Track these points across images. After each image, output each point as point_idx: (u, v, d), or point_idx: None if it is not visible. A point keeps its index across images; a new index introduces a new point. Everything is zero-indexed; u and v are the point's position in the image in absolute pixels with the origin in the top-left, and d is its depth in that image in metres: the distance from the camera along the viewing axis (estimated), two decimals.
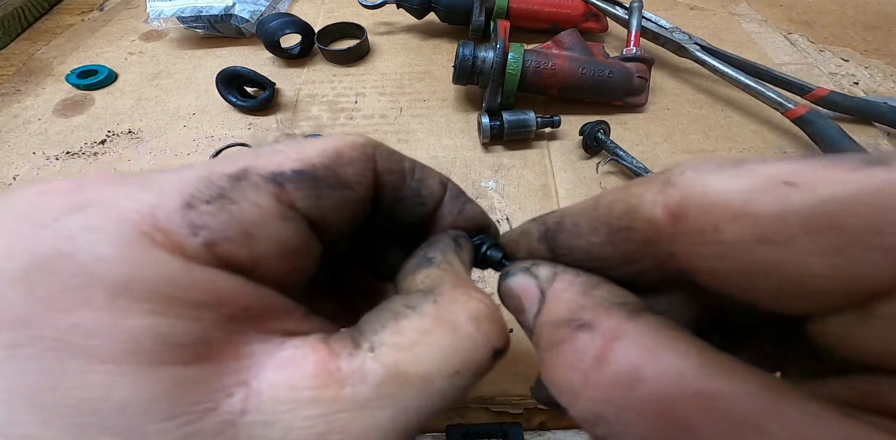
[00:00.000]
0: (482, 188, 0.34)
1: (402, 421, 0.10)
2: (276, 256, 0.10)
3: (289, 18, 0.43)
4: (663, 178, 0.10)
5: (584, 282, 0.12)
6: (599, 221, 0.11)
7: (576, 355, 0.10)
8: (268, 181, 0.10)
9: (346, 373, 0.10)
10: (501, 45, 0.34)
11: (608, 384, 0.09)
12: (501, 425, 0.24)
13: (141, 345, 0.08)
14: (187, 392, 0.08)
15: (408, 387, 0.10)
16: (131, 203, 0.09)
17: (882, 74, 0.43)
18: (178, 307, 0.09)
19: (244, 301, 0.10)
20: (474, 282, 0.14)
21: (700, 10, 0.51)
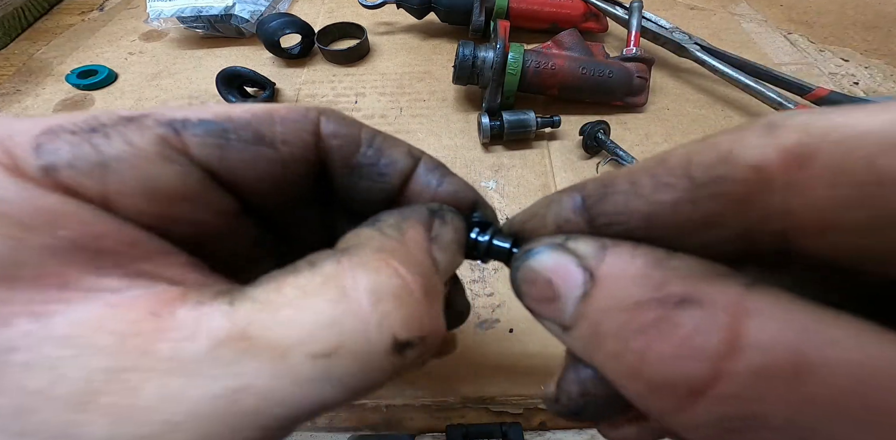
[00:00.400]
0: (482, 188, 0.34)
1: (232, 404, 0.07)
2: (142, 196, 0.09)
3: (289, 18, 0.43)
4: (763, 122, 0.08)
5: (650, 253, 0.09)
6: (673, 175, 0.09)
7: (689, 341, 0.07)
8: (160, 124, 0.10)
9: (177, 323, 0.08)
10: (501, 45, 0.34)
11: (753, 375, 0.07)
12: (501, 425, 0.24)
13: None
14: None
15: (253, 357, 0.07)
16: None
17: (882, 74, 0.43)
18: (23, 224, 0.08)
19: (92, 231, 0.09)
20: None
21: (700, 10, 0.51)
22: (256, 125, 0.11)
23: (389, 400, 0.26)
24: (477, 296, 0.29)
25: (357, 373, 0.08)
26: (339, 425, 0.25)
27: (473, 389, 0.26)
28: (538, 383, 0.26)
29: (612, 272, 0.09)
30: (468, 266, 0.30)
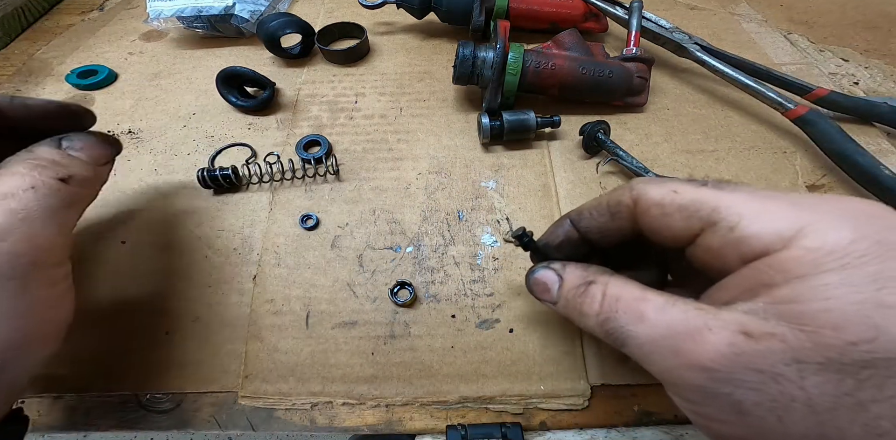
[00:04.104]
0: (482, 188, 0.34)
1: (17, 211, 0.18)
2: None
3: (289, 18, 0.43)
4: (630, 186, 0.19)
5: (582, 266, 0.20)
6: (603, 209, 0.20)
7: (592, 295, 0.18)
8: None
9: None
10: (501, 45, 0.34)
11: (608, 305, 0.18)
12: (501, 425, 0.24)
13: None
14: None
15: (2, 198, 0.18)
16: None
17: (882, 74, 0.43)
18: None
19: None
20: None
21: (700, 10, 0.51)
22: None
23: (389, 400, 0.26)
24: (477, 296, 0.29)
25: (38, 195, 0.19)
26: (339, 425, 0.25)
27: (473, 389, 0.26)
28: (538, 383, 0.26)
29: (570, 272, 0.20)
30: (469, 267, 0.30)
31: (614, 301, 0.17)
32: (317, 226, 0.32)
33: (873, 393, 0.13)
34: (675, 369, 0.15)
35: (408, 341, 0.27)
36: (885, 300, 0.13)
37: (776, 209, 0.15)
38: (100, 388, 0.26)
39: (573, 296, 0.19)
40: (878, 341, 0.12)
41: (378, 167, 0.36)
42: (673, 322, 0.16)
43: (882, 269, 0.13)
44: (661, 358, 0.16)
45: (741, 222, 0.15)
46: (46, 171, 0.20)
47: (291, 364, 0.27)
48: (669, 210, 0.17)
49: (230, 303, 0.29)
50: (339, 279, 0.30)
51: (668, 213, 0.17)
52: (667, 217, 0.17)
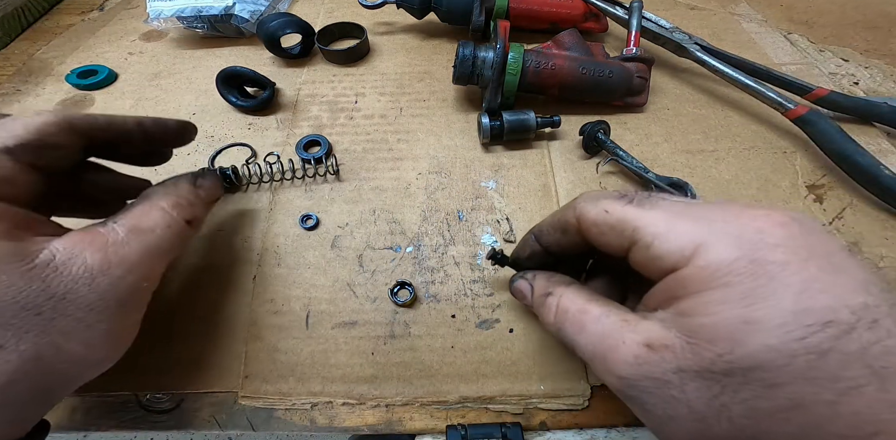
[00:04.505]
0: (482, 188, 0.34)
1: (151, 248, 0.20)
2: (27, 191, 0.19)
3: (289, 18, 0.43)
4: (573, 204, 0.21)
5: (547, 276, 0.23)
6: (556, 226, 0.22)
7: (549, 306, 0.21)
8: (3, 153, 0.19)
9: (103, 232, 0.19)
10: (501, 45, 0.34)
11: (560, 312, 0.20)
12: (501, 425, 0.24)
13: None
14: (18, 250, 0.17)
15: (143, 233, 0.20)
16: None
17: (882, 74, 0.43)
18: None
19: (18, 215, 0.18)
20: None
21: (700, 10, 0.51)
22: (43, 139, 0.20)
23: (389, 400, 0.26)
24: (477, 297, 0.29)
25: (180, 230, 0.21)
26: (339, 425, 0.25)
27: (473, 389, 0.26)
28: (538, 383, 0.26)
29: (537, 283, 0.23)
30: (469, 267, 0.30)
31: (563, 312, 0.20)
32: (317, 226, 0.32)
33: (732, 396, 0.14)
34: (603, 375, 0.18)
35: (408, 341, 0.27)
36: (749, 316, 0.14)
37: (681, 228, 0.16)
38: (100, 388, 0.26)
39: (538, 304, 0.22)
40: (735, 353, 0.14)
41: (378, 167, 0.36)
42: (603, 333, 0.18)
43: (752, 287, 0.14)
44: (595, 365, 0.18)
45: (654, 242, 0.17)
46: (182, 211, 0.22)
47: (291, 364, 0.27)
48: (604, 229, 0.19)
49: (230, 303, 0.29)
50: (339, 279, 0.30)
51: (604, 231, 0.19)
52: (603, 235, 0.19)
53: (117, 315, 0.19)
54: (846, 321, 0.14)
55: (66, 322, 0.17)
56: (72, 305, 0.17)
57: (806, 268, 0.14)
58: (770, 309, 0.14)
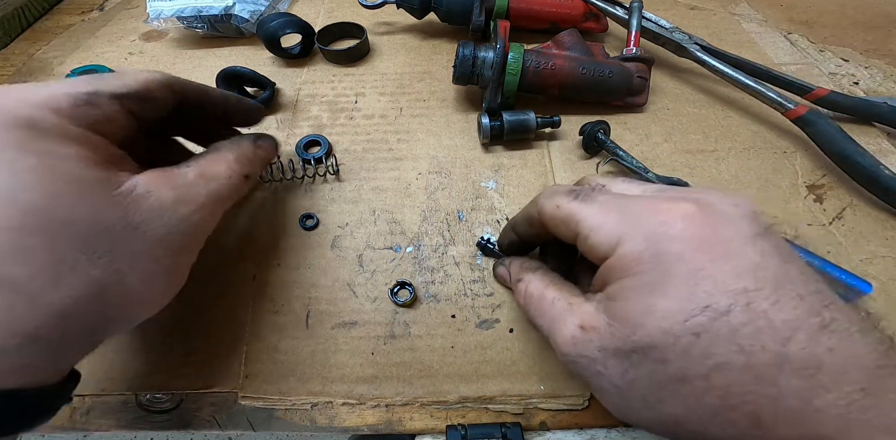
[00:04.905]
0: (482, 188, 0.34)
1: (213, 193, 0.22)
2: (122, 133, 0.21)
3: (289, 18, 0.43)
4: (535, 200, 0.22)
5: (519, 262, 0.25)
6: (524, 220, 0.24)
7: (519, 292, 0.23)
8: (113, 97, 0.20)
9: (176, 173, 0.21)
10: (501, 45, 0.34)
11: (527, 297, 0.22)
12: (501, 425, 0.24)
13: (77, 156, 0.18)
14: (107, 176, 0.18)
15: (210, 179, 0.22)
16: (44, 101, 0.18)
17: (882, 74, 0.43)
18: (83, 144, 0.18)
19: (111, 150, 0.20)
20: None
21: (700, 10, 0.51)
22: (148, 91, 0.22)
23: (389, 400, 0.26)
24: (477, 297, 0.29)
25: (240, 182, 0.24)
26: (339, 425, 0.25)
27: (473, 389, 0.26)
28: (538, 383, 0.26)
29: (512, 270, 0.25)
30: (469, 267, 0.30)
31: (529, 297, 0.22)
32: (317, 226, 0.32)
33: (636, 371, 0.17)
34: (556, 353, 0.20)
35: (408, 341, 0.27)
36: (648, 302, 0.16)
37: (609, 223, 0.18)
38: (100, 388, 0.26)
39: (513, 289, 0.24)
40: (637, 334, 0.17)
41: (378, 167, 0.36)
42: (553, 316, 0.20)
43: (653, 277, 0.17)
44: (551, 343, 0.20)
45: (590, 234, 0.19)
46: (243, 167, 0.24)
47: (291, 364, 0.27)
48: (556, 222, 0.21)
49: (230, 303, 0.29)
50: (339, 279, 0.30)
51: (557, 224, 0.21)
52: (557, 228, 0.21)
53: (179, 253, 0.20)
54: (722, 306, 0.15)
55: (135, 253, 0.18)
56: (143, 237, 0.18)
57: (696, 257, 0.16)
58: (664, 296, 0.16)
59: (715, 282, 0.16)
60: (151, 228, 0.19)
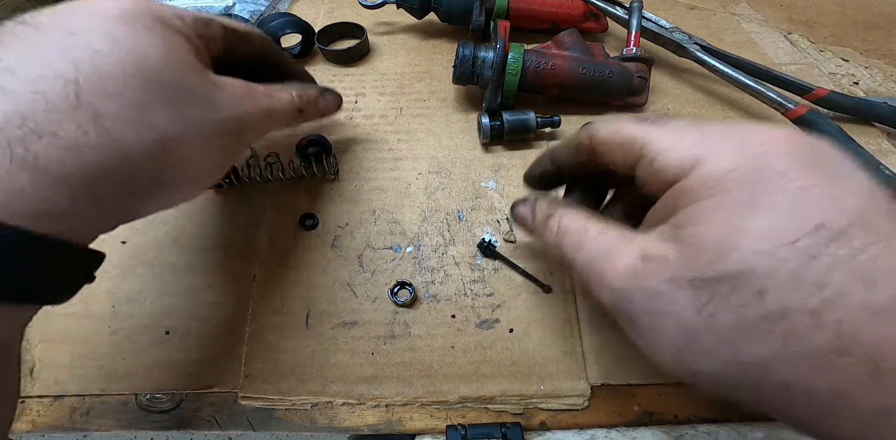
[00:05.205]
0: (482, 188, 0.34)
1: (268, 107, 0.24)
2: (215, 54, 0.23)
3: (289, 18, 0.43)
4: (588, 127, 0.21)
5: (549, 200, 0.23)
6: (571, 147, 0.23)
7: (550, 228, 0.21)
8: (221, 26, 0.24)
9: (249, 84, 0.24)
10: (501, 45, 0.34)
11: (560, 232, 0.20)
12: (501, 425, 0.24)
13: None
14: (205, 67, 0.21)
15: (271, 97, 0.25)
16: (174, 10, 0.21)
17: (882, 74, 0.43)
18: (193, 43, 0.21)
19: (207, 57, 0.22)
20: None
21: (700, 10, 0.51)
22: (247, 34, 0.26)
23: (389, 400, 0.26)
24: (477, 296, 0.29)
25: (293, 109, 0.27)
26: (339, 425, 0.25)
27: (473, 389, 0.26)
28: (538, 383, 0.26)
29: (537, 209, 0.23)
30: (469, 267, 0.30)
31: (563, 232, 0.20)
32: (317, 226, 0.32)
33: (719, 305, 0.14)
34: (597, 290, 0.18)
35: (408, 341, 0.27)
36: (742, 222, 0.14)
37: (687, 142, 0.17)
38: (100, 388, 0.26)
39: (539, 227, 0.22)
40: (725, 259, 0.14)
41: (378, 167, 0.36)
42: (600, 249, 0.18)
43: (748, 195, 0.14)
44: (591, 280, 0.18)
45: (658, 156, 0.17)
46: (301, 101, 0.27)
47: (291, 364, 0.27)
48: (613, 147, 0.19)
49: (230, 303, 0.29)
50: (339, 279, 0.30)
51: (612, 149, 0.20)
52: (612, 153, 0.20)
53: (232, 139, 0.22)
54: (838, 225, 0.13)
55: (205, 124, 0.20)
56: (215, 114, 0.21)
57: (804, 175, 0.14)
58: (764, 214, 0.14)
59: (830, 200, 0.14)
60: (223, 110, 0.21)
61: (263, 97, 0.24)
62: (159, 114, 0.18)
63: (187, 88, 0.19)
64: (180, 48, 0.20)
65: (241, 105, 0.22)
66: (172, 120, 0.18)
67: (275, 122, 0.26)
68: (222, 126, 0.21)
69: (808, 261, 0.13)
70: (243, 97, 0.23)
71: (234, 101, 0.22)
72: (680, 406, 0.26)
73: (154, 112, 0.18)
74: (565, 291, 0.29)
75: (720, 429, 0.24)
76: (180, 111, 0.19)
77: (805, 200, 0.14)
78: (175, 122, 0.19)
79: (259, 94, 0.24)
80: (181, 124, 0.19)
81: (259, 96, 0.24)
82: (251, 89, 0.24)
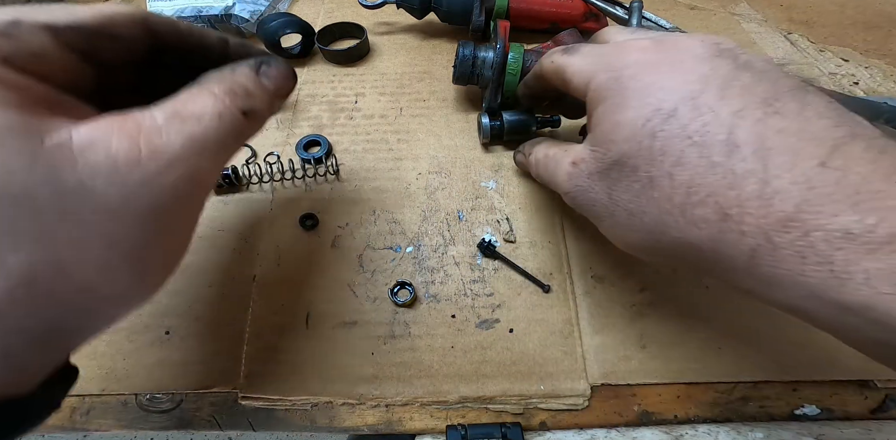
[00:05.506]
0: (482, 188, 0.34)
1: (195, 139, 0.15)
2: (62, 74, 0.16)
3: (289, 18, 0.43)
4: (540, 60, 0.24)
5: (530, 143, 0.27)
6: (532, 75, 0.26)
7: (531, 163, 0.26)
8: (43, 29, 0.15)
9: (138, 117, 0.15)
10: (501, 45, 0.34)
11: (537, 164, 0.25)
12: (501, 425, 0.24)
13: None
14: (27, 124, 0.13)
15: (186, 120, 0.15)
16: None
17: (882, 74, 0.43)
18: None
19: (41, 92, 0.14)
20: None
21: (700, 10, 0.51)
22: (109, 28, 0.17)
23: (389, 400, 0.26)
24: (477, 297, 0.29)
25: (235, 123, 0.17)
26: (339, 425, 0.25)
27: (473, 389, 0.26)
28: (538, 383, 0.26)
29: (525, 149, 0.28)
30: (469, 267, 0.30)
31: (537, 162, 0.25)
32: (317, 226, 0.32)
33: (616, 186, 0.19)
34: (563, 198, 0.22)
35: (408, 341, 0.27)
36: (616, 119, 0.18)
37: (585, 65, 0.21)
38: (100, 388, 0.26)
39: (528, 165, 0.27)
40: (611, 150, 0.18)
41: (378, 167, 0.36)
42: (554, 166, 0.23)
43: (617, 98, 0.18)
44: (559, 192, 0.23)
45: (572, 79, 0.21)
46: (237, 100, 0.18)
47: (291, 364, 0.27)
48: (551, 74, 0.23)
49: (230, 303, 0.29)
50: (339, 279, 0.30)
51: (552, 77, 0.23)
52: (552, 80, 0.23)
53: (151, 227, 0.15)
54: (670, 105, 0.17)
55: (76, 230, 0.13)
56: (86, 206, 0.13)
57: (649, 73, 0.18)
58: (625, 110, 0.18)
59: (663, 89, 0.17)
60: (98, 194, 0.13)
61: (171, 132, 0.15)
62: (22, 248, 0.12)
63: (4, 185, 0.12)
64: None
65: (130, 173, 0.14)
66: (15, 250, 0.12)
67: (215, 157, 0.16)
68: (112, 221, 0.14)
69: (653, 138, 0.17)
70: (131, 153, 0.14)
71: (114, 170, 0.13)
72: (680, 406, 0.26)
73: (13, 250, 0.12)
74: (565, 291, 0.29)
75: (720, 429, 0.24)
76: (16, 230, 0.12)
77: (648, 92, 0.18)
78: (21, 251, 0.12)
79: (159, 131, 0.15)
80: (33, 251, 0.12)
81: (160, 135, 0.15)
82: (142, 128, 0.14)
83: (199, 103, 0.16)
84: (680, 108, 0.17)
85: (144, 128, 0.14)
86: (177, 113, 0.15)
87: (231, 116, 0.17)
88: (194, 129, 0.16)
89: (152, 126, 0.15)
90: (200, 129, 0.16)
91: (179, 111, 0.16)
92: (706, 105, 0.16)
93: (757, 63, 0.18)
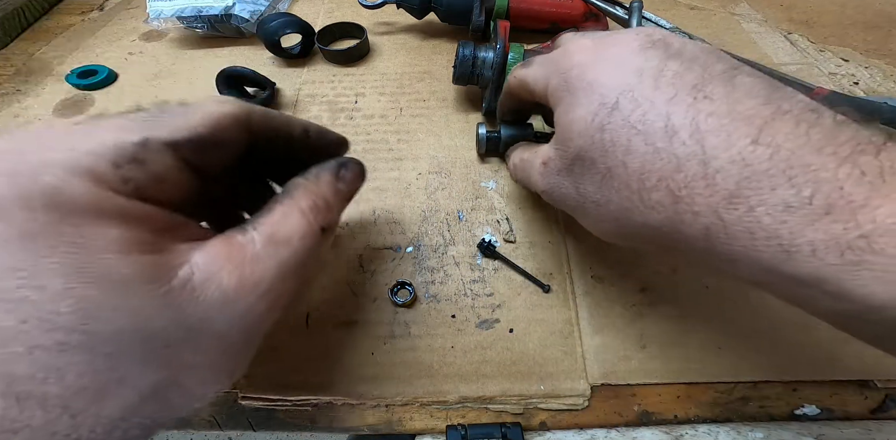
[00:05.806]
0: (482, 188, 0.34)
1: (285, 265, 0.16)
2: (177, 193, 0.16)
3: (289, 18, 0.43)
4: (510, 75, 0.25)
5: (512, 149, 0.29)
6: (504, 93, 0.28)
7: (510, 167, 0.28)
8: (167, 147, 0.15)
9: (242, 243, 0.16)
10: (501, 45, 0.34)
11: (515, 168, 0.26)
12: (501, 425, 0.24)
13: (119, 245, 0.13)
14: (156, 267, 0.14)
15: (280, 245, 0.16)
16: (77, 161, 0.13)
17: (882, 74, 0.43)
18: (125, 220, 0.13)
19: (162, 219, 0.15)
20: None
21: (700, 10, 0.51)
22: (216, 134, 0.17)
23: (389, 400, 0.26)
24: (477, 297, 0.29)
25: (315, 241, 0.17)
26: (339, 425, 0.25)
27: (473, 389, 0.26)
28: (538, 383, 0.26)
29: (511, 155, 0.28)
30: (469, 267, 0.30)
31: (515, 167, 0.26)
32: None
33: (581, 180, 0.19)
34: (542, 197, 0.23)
35: (408, 341, 0.27)
36: (570, 117, 0.19)
37: (540, 73, 0.22)
38: None
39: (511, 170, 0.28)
40: (570, 146, 0.19)
41: (378, 167, 0.36)
42: (528, 168, 0.24)
43: (569, 98, 0.19)
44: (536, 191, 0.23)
45: (534, 89, 0.22)
46: (319, 217, 0.18)
47: (291, 364, 0.27)
48: (518, 89, 0.24)
49: None
50: (339, 279, 0.30)
51: (519, 92, 0.25)
52: (521, 94, 0.24)
53: (241, 351, 0.16)
54: (612, 99, 0.18)
55: (192, 356, 0.14)
56: (202, 337, 0.14)
57: (591, 71, 0.19)
58: (577, 107, 0.19)
59: (605, 85, 0.18)
60: (211, 326, 0.14)
61: (266, 260, 0.16)
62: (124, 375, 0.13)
63: (138, 329, 0.13)
64: (102, 260, 0.13)
65: (235, 307, 0.15)
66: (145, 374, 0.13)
67: (295, 280, 0.17)
68: (218, 348, 0.15)
69: (602, 131, 0.18)
70: (237, 287, 0.15)
71: (225, 306, 0.15)
72: (680, 406, 0.26)
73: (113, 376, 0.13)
74: (565, 291, 0.29)
75: (720, 429, 0.24)
76: (147, 360, 0.13)
77: (592, 89, 0.18)
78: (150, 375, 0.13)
79: (258, 259, 0.16)
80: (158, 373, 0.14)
81: (258, 264, 0.15)
82: (245, 257, 0.15)
83: (290, 224, 0.17)
84: (621, 100, 0.17)
85: (248, 257, 0.15)
86: (272, 237, 0.16)
87: (313, 235, 0.17)
88: (285, 253, 0.16)
89: (253, 254, 0.16)
90: (290, 253, 0.16)
91: (274, 235, 0.16)
92: (643, 96, 0.17)
93: (688, 51, 0.18)
